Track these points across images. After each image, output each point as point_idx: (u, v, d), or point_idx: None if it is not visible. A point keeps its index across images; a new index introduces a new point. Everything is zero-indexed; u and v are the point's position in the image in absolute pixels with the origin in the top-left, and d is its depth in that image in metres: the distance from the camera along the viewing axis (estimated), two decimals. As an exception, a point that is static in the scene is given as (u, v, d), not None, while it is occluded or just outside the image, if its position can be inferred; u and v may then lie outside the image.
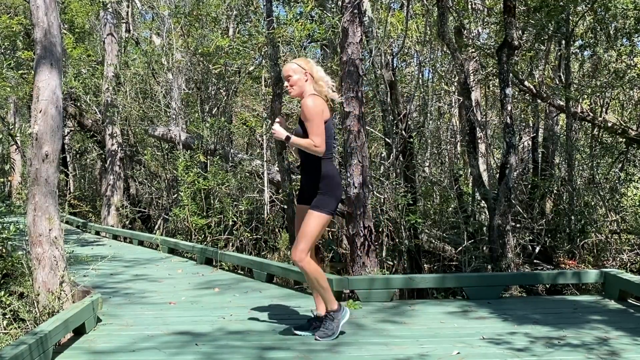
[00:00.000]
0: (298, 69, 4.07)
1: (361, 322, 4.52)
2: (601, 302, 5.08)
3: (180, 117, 12.02)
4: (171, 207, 11.17)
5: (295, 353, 3.77)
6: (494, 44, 9.69)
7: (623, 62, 9.79)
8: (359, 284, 5.27)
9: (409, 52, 12.94)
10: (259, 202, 10.73)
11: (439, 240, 9.86)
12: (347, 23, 5.95)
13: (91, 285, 5.40)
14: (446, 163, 12.87)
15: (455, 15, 9.64)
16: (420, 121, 11.51)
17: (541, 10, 8.45)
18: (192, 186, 9.67)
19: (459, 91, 10.52)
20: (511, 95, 7.35)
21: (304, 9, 8.85)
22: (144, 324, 4.56)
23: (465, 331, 4.21)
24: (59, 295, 4.45)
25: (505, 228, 7.01)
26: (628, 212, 9.45)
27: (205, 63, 11.42)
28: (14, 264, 5.78)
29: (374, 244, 5.98)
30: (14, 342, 3.41)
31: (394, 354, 3.71)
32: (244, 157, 11.26)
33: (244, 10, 12.16)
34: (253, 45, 9.77)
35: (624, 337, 3.98)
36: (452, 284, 5.81)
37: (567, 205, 9.37)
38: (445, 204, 10.32)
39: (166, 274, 7.02)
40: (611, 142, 10.49)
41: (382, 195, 8.55)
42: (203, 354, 3.78)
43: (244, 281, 6.43)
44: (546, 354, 3.67)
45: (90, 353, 3.82)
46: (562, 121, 12.04)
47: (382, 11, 11.13)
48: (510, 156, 7.15)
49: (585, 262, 8.66)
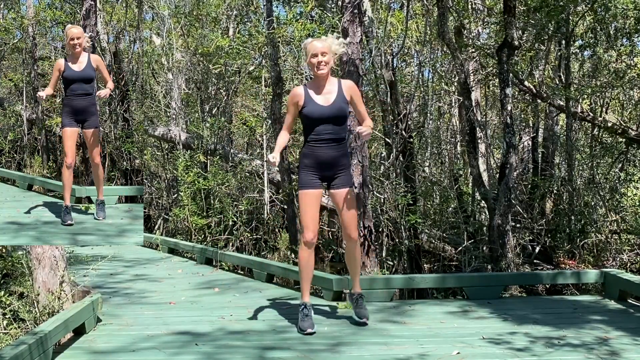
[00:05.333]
0: (332, 48, 4.19)
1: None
2: (601, 302, 5.07)
3: (180, 117, 12.02)
4: (171, 207, 11.16)
5: (295, 353, 3.77)
6: (494, 44, 9.68)
7: (623, 62, 9.78)
8: (359, 284, 5.25)
9: (409, 52, 12.93)
10: (259, 202, 10.72)
11: (439, 240, 9.86)
12: (347, 23, 5.96)
13: (91, 285, 5.39)
14: (446, 163, 12.86)
15: (455, 15, 9.64)
16: (420, 121, 11.51)
17: (541, 10, 8.44)
18: (192, 186, 9.67)
19: (459, 91, 10.52)
20: (511, 95, 7.36)
21: (304, 9, 8.85)
22: (144, 324, 4.56)
23: (465, 331, 4.21)
24: (59, 295, 4.45)
25: (505, 228, 7.02)
26: (628, 212, 9.44)
27: (205, 63, 11.42)
28: (14, 264, 5.78)
29: (374, 244, 5.98)
30: (14, 342, 3.41)
31: (394, 353, 3.71)
32: (244, 157, 11.26)
33: (244, 10, 12.16)
34: (253, 45, 9.77)
35: (624, 337, 3.98)
36: (452, 284, 5.81)
37: (567, 205, 9.37)
38: (445, 204, 10.31)
39: (166, 274, 7.02)
40: (611, 142, 10.48)
41: (382, 195, 8.55)
42: (203, 354, 3.78)
43: (244, 281, 6.42)
44: (546, 354, 3.67)
45: (90, 353, 3.82)
46: (562, 121, 12.03)
47: (382, 11, 11.13)
48: (510, 156, 7.16)
49: (585, 262, 8.66)
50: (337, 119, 4.22)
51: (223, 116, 11.87)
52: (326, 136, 4.22)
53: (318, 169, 4.26)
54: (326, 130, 4.21)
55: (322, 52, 4.13)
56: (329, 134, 4.22)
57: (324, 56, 4.14)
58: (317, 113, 4.20)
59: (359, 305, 4.45)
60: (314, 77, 4.31)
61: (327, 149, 4.23)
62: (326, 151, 4.23)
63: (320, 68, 4.16)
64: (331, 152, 4.23)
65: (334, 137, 4.23)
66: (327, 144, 4.22)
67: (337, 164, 4.27)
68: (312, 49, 4.17)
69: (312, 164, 4.26)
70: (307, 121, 4.26)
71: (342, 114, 4.23)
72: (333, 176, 4.29)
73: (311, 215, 4.22)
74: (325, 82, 4.25)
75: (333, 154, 4.24)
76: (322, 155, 4.23)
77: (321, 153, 4.23)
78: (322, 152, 4.23)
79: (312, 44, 4.18)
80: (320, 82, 4.26)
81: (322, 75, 4.22)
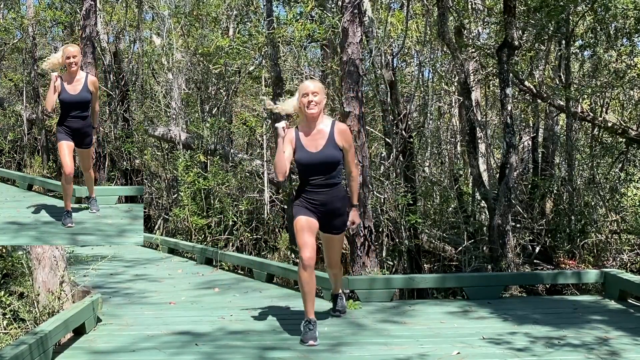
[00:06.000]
0: (324, 91, 4.20)
1: (361, 322, 4.52)
2: (601, 302, 5.08)
3: (180, 117, 12.02)
4: (171, 207, 11.16)
5: (295, 353, 3.77)
6: (494, 44, 9.68)
7: (623, 62, 9.78)
8: (359, 284, 5.27)
9: (409, 52, 12.93)
10: (259, 202, 10.72)
11: (439, 240, 9.86)
12: (347, 23, 5.95)
13: (91, 285, 5.39)
14: (446, 163, 12.86)
15: (455, 15, 9.63)
16: (420, 121, 11.51)
17: (541, 10, 8.43)
18: (192, 186, 9.67)
19: (459, 91, 10.52)
20: (511, 95, 7.35)
21: (304, 9, 8.84)
22: (144, 324, 4.57)
23: (465, 331, 4.21)
24: (59, 295, 4.45)
25: (505, 228, 7.01)
26: (628, 212, 9.43)
27: (205, 63, 11.41)
28: (14, 264, 5.78)
29: (374, 244, 5.98)
30: (14, 342, 3.41)
31: (394, 353, 3.71)
32: (244, 157, 11.26)
33: (244, 10, 12.15)
34: (253, 45, 9.77)
35: (624, 337, 3.98)
36: (452, 284, 5.82)
37: (567, 205, 9.37)
38: (445, 204, 10.31)
39: (166, 274, 7.02)
40: (611, 142, 10.47)
41: (382, 195, 8.55)
42: (203, 354, 3.78)
43: (244, 281, 6.43)
44: (546, 354, 3.67)
45: (90, 353, 3.82)
46: (562, 121, 12.02)
47: (382, 11, 11.12)
48: (510, 156, 7.15)
49: (585, 262, 8.66)
50: (326, 165, 4.12)
51: (223, 116, 11.87)
52: (317, 182, 4.14)
53: (312, 209, 4.18)
54: (316, 177, 4.13)
55: (312, 92, 4.08)
56: (320, 179, 4.13)
57: (314, 96, 4.07)
58: (305, 160, 4.13)
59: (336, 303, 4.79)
60: (305, 120, 4.20)
61: (319, 195, 4.15)
62: (318, 197, 4.16)
63: (311, 108, 4.08)
64: (323, 197, 4.15)
65: (325, 182, 4.14)
66: (319, 189, 4.15)
67: (331, 208, 4.19)
68: (303, 89, 4.12)
69: (306, 206, 4.19)
70: (298, 167, 4.22)
71: (331, 160, 4.12)
72: (327, 222, 4.23)
73: (305, 236, 4.11)
74: (315, 124, 4.15)
75: (326, 199, 4.16)
76: (315, 200, 4.17)
77: (314, 198, 4.17)
78: (314, 197, 4.16)
79: (304, 84, 4.16)
80: (310, 124, 4.16)
81: (313, 116, 4.12)
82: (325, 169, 4.12)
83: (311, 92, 4.09)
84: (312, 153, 4.12)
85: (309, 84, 4.15)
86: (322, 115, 4.20)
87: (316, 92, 4.09)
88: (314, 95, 4.08)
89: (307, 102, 4.08)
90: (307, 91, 4.10)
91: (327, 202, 4.17)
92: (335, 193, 4.19)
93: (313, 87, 4.11)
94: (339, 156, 4.15)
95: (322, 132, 4.14)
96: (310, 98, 4.08)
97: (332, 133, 4.14)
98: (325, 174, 4.13)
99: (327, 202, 4.17)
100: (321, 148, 4.11)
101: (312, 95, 4.08)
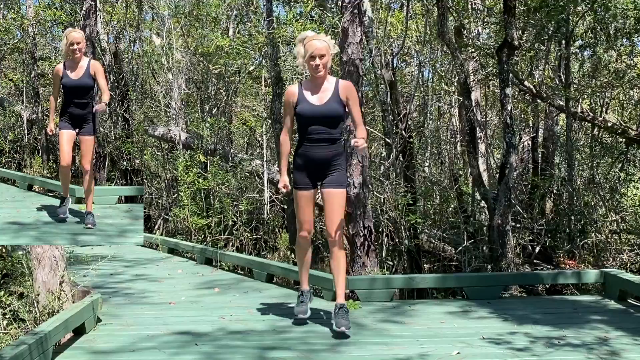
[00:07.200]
0: (330, 49, 4.14)
1: (361, 322, 4.52)
2: (601, 302, 5.07)
3: (180, 117, 12.02)
4: (171, 207, 11.17)
5: (295, 353, 3.77)
6: (494, 44, 9.69)
7: (623, 62, 9.78)
8: (359, 284, 5.26)
9: (409, 52, 12.93)
10: (259, 202, 10.73)
11: (439, 240, 9.86)
12: (347, 23, 5.96)
13: (91, 285, 5.39)
14: (446, 163, 12.86)
15: (455, 15, 9.64)
16: (420, 121, 11.52)
17: (541, 10, 8.44)
18: (192, 186, 9.67)
19: (459, 91, 10.53)
20: (511, 95, 7.35)
21: (304, 9, 8.84)
22: (144, 324, 4.56)
23: (465, 331, 4.21)
24: (59, 295, 4.45)
25: (505, 228, 7.01)
26: (628, 212, 9.44)
27: (205, 63, 11.42)
28: (14, 264, 5.78)
29: (374, 244, 5.98)
30: (14, 342, 3.41)
31: (394, 353, 3.71)
32: (244, 157, 11.26)
33: (244, 10, 12.15)
34: (253, 45, 9.78)
35: (624, 337, 3.98)
36: (452, 284, 5.81)
37: (567, 205, 9.37)
38: (445, 204, 10.32)
39: (166, 274, 7.02)
40: (611, 142, 10.48)
41: (382, 195, 8.56)
42: (203, 354, 3.78)
43: (244, 281, 6.42)
44: (546, 353, 3.67)
45: (90, 353, 3.82)
46: (562, 121, 12.02)
47: (382, 11, 11.13)
48: (510, 156, 7.15)
49: (585, 262, 8.66)
50: (329, 118, 4.14)
51: (223, 116, 11.87)
52: (318, 136, 4.15)
53: (311, 169, 4.21)
54: (318, 130, 4.14)
55: (320, 55, 4.06)
56: (322, 134, 4.15)
57: (321, 59, 4.07)
58: (308, 112, 4.14)
59: (337, 315, 4.09)
60: (310, 77, 4.26)
61: (319, 149, 4.16)
62: (318, 151, 4.16)
63: (319, 70, 4.10)
64: (324, 152, 4.16)
65: (327, 137, 4.15)
66: (320, 144, 4.16)
67: (330, 164, 4.20)
68: (310, 49, 4.08)
69: (304, 165, 4.21)
70: (300, 120, 4.20)
71: (334, 114, 4.14)
72: (325, 175, 4.22)
73: (305, 213, 4.29)
74: (322, 80, 4.19)
75: (326, 154, 4.17)
76: (315, 155, 4.17)
77: (313, 153, 4.17)
78: (314, 152, 4.16)
79: (311, 44, 4.08)
80: (317, 81, 4.19)
81: (320, 76, 4.17)
82: (329, 122, 4.14)
83: (318, 55, 4.07)
84: (316, 106, 4.15)
85: (316, 43, 4.08)
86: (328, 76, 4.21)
87: (323, 53, 4.08)
88: (321, 57, 4.07)
89: (315, 66, 4.09)
90: (315, 53, 4.07)
91: (327, 157, 4.18)
92: (334, 148, 4.20)
93: (320, 47, 4.07)
94: (342, 111, 4.18)
95: (326, 89, 4.18)
96: (317, 62, 4.08)
97: (337, 89, 4.18)
98: (327, 127, 4.15)
99: (327, 158, 4.18)
100: (325, 101, 4.15)
101: (319, 59, 4.07)
